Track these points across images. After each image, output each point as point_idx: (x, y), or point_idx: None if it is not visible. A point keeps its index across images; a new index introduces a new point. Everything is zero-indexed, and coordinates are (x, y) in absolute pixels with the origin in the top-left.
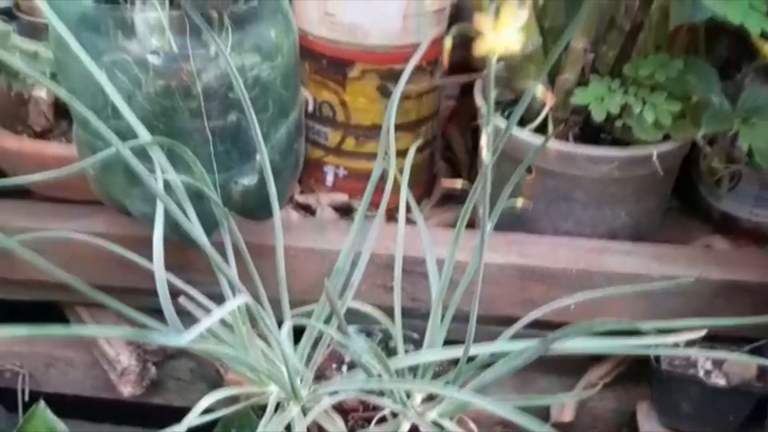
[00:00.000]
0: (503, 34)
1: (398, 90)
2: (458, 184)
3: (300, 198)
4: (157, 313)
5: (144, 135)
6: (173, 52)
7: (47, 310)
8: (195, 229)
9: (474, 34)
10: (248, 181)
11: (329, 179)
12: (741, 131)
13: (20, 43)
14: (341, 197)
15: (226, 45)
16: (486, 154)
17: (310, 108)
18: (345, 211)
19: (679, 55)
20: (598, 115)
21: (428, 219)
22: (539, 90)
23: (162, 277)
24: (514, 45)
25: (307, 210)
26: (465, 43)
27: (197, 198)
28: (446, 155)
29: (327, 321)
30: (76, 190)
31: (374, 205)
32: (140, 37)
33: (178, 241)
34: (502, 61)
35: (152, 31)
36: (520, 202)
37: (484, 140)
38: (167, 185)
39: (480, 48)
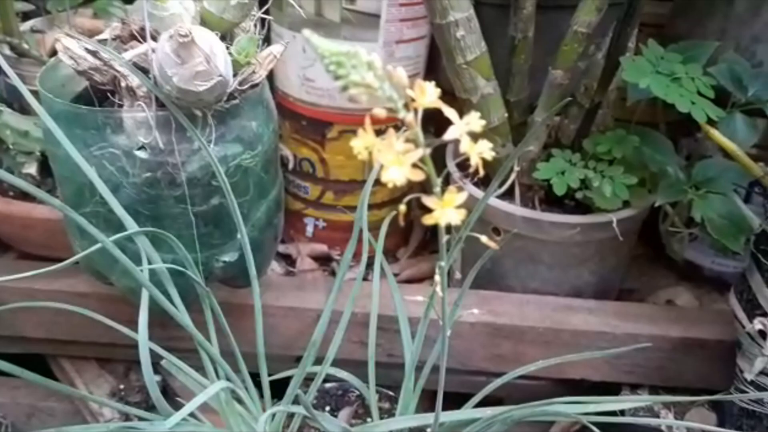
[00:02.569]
0: (448, 213)
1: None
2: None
3: (281, 248)
4: (138, 364)
5: (130, 224)
6: (159, 148)
7: (30, 359)
8: (178, 313)
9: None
10: (229, 258)
11: (309, 230)
12: (694, 202)
13: (11, 120)
14: (321, 247)
15: (209, 139)
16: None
17: (291, 165)
18: (324, 261)
19: (638, 125)
20: (559, 189)
21: (405, 270)
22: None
23: (146, 359)
24: (456, 220)
25: (288, 259)
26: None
27: (179, 274)
28: (423, 203)
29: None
30: (59, 250)
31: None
32: (128, 133)
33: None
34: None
35: (140, 128)
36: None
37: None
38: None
39: (428, 220)
